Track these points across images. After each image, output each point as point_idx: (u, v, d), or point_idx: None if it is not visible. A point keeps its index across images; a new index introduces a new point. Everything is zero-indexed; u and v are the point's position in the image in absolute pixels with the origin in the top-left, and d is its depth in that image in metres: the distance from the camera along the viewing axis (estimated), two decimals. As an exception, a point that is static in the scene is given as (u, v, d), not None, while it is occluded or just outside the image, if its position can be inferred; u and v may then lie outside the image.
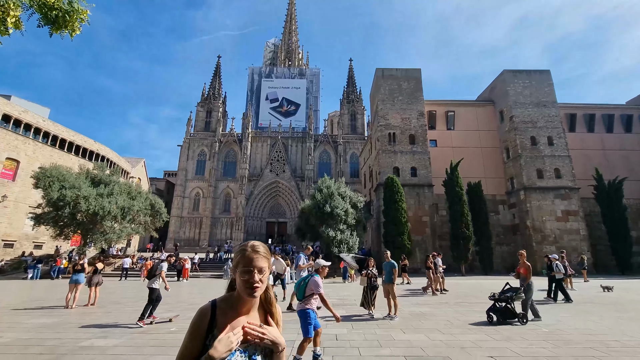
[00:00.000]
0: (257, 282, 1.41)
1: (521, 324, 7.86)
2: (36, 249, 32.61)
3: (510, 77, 32.27)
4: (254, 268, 1.42)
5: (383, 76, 32.55)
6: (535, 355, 5.54)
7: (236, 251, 1.51)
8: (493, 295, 8.39)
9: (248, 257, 1.44)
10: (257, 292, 1.43)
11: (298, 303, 5.25)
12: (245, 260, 1.43)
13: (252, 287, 1.41)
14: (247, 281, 1.41)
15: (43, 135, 34.50)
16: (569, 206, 28.14)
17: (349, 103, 59.75)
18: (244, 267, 1.42)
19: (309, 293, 5.16)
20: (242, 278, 1.42)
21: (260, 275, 1.43)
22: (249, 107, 58.07)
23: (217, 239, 48.96)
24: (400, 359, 5.35)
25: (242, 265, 1.43)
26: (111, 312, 10.06)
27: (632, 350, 5.84)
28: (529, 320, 8.12)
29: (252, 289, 1.41)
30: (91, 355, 5.68)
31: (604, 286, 15.03)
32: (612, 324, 8.07)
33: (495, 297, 8.31)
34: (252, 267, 1.42)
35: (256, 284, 1.41)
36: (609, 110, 34.42)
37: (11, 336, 6.95)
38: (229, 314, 1.43)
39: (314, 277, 5.31)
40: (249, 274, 1.41)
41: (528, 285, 8.58)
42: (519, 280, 8.99)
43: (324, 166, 54.61)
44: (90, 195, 24.30)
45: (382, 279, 9.33)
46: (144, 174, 56.41)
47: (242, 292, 1.43)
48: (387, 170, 29.36)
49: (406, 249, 24.67)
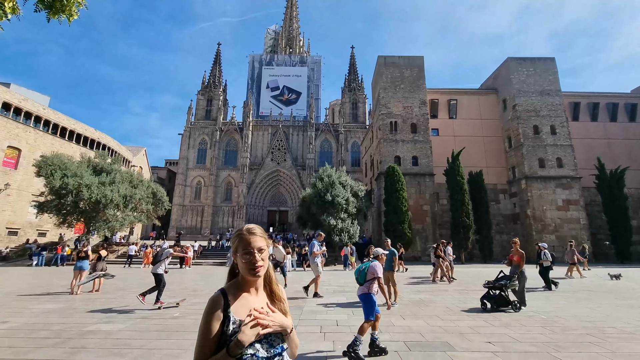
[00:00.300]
0: (259, 261, 1.45)
1: (514, 311, 7.96)
2: (40, 236, 32.95)
3: (514, 65, 31.82)
4: (254, 249, 1.45)
5: (385, 64, 32.14)
6: (532, 341, 5.63)
7: (233, 236, 1.54)
8: (487, 283, 8.48)
9: (246, 239, 1.47)
10: (261, 271, 1.46)
11: (359, 287, 5.46)
12: (243, 243, 1.46)
13: (254, 268, 1.44)
14: (249, 262, 1.44)
15: (44, 124, 34.42)
16: (570, 195, 28.14)
17: (351, 91, 59.17)
18: (243, 250, 1.45)
19: (370, 278, 5.34)
20: (244, 260, 1.44)
21: (261, 254, 1.46)
22: (249, 96, 57.60)
23: (219, 227, 49.32)
24: (400, 344, 5.44)
25: (241, 249, 1.46)
26: (115, 298, 10.23)
27: (628, 337, 5.92)
28: (522, 307, 8.21)
29: (255, 269, 1.44)
30: (96, 339, 5.80)
31: (612, 274, 14.86)
32: (610, 311, 8.16)
33: (489, 285, 8.40)
34: (252, 248, 1.45)
35: (258, 263, 1.44)
36: (613, 99, 34.03)
37: (19, 321, 7.09)
38: (239, 297, 1.46)
39: (374, 263, 5.49)
40: (249, 255, 1.44)
41: (521, 273, 8.67)
42: (511, 267, 9.03)
43: (325, 155, 54.48)
44: (92, 184, 24.40)
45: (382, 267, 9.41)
46: (145, 162, 56.45)
47: (245, 274, 1.46)
48: (388, 159, 29.29)
49: (406, 238, 24.83)
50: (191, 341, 5.63)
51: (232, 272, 1.58)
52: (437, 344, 5.48)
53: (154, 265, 9.03)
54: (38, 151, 31.81)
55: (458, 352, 5.02)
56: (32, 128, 33.05)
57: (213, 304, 1.41)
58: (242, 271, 1.47)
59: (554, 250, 27.06)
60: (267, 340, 1.40)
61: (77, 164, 26.29)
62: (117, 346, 5.38)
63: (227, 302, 1.42)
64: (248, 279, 1.48)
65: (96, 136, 40.96)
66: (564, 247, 27.10)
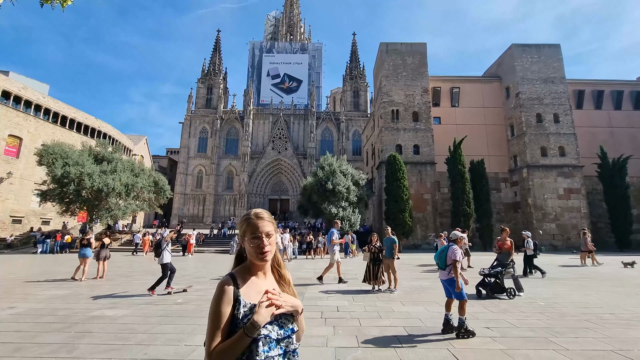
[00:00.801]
0: (267, 246, 1.45)
1: (509, 298, 8.04)
2: (44, 224, 33.22)
3: (518, 51, 31.30)
4: (262, 233, 1.45)
5: (387, 51, 31.67)
6: (530, 327, 5.71)
7: (241, 220, 1.53)
8: (483, 271, 8.56)
9: (254, 224, 1.47)
10: (268, 256, 1.47)
11: (442, 272, 5.56)
12: (251, 228, 1.46)
13: (262, 252, 1.45)
14: (257, 247, 1.45)
15: (44, 112, 34.26)
16: (571, 184, 28.09)
17: (352, 79, 58.48)
18: (251, 234, 1.45)
19: (449, 262, 5.39)
20: (252, 245, 1.45)
21: (269, 239, 1.47)
22: (250, 84, 57.06)
23: (221, 215, 49.63)
24: (400, 330, 5.53)
25: (249, 233, 1.46)
26: (119, 284, 10.38)
27: (625, 323, 6.00)
28: (517, 294, 8.29)
29: (263, 254, 1.45)
30: (101, 324, 5.91)
31: (626, 262, 14.63)
32: (609, 298, 8.25)
33: (485, 272, 8.47)
34: (260, 233, 1.45)
35: (266, 247, 1.45)
36: (618, 87, 33.58)
37: (25, 306, 7.22)
38: (249, 281, 1.47)
39: (453, 247, 5.50)
40: (257, 240, 1.45)
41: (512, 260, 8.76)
42: (501, 255, 8.99)
43: (326, 144, 54.29)
44: (94, 172, 24.46)
45: (383, 254, 9.49)
46: (146, 151, 56.42)
47: (253, 258, 1.47)
48: (389, 148, 29.18)
49: (407, 226, 24.96)
50: (194, 326, 5.74)
51: (239, 256, 1.58)
52: (436, 329, 5.56)
53: (159, 257, 9.13)
54: (39, 140, 31.78)
55: (456, 337, 5.10)
56: (32, 117, 32.93)
57: (223, 288, 1.40)
58: (250, 256, 1.48)
59: (553, 238, 27.24)
60: (278, 323, 1.41)
61: (79, 152, 26.29)
62: (121, 331, 5.48)
63: (236, 286, 1.42)
64: (256, 264, 1.48)
65: (97, 125, 40.82)
66: (564, 235, 27.28)
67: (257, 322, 1.28)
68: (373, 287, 9.20)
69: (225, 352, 1.29)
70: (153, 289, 8.62)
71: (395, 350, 4.52)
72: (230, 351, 1.29)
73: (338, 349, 4.60)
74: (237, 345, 1.29)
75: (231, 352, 1.29)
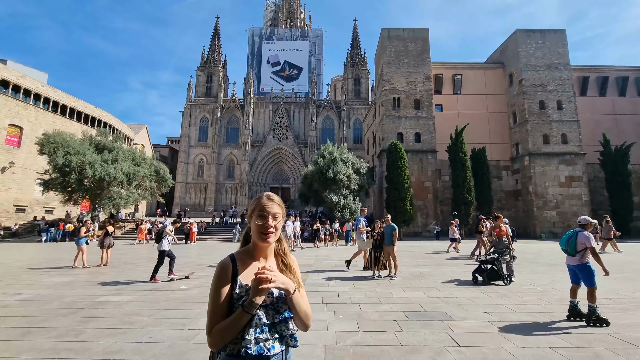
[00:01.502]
0: (271, 227, 1.45)
1: (505, 284, 8.12)
2: (47, 213, 33.48)
3: (522, 37, 30.76)
4: (269, 214, 1.46)
5: (389, 37, 31.17)
6: (528, 311, 5.80)
7: (252, 200, 1.55)
8: (479, 257, 8.63)
9: (263, 203, 1.48)
10: (271, 238, 1.47)
11: (571, 257, 5.49)
12: (260, 206, 1.48)
13: (266, 233, 1.45)
14: (261, 226, 1.45)
15: (43, 101, 34.09)
16: (573, 172, 28.02)
17: (353, 67, 57.76)
18: (259, 212, 1.46)
19: (581, 248, 5.33)
20: (257, 223, 1.45)
21: (275, 221, 1.47)
22: (250, 72, 56.46)
23: (223, 204, 49.88)
24: (399, 314, 5.62)
25: (257, 211, 1.47)
26: (124, 271, 10.53)
27: (622, 307, 6.09)
28: (512, 281, 8.38)
29: (266, 234, 1.45)
30: (107, 309, 6.03)
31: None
32: (607, 283, 8.32)
33: (481, 259, 8.54)
34: (267, 213, 1.46)
35: (270, 228, 1.45)
36: (623, 73, 33.10)
37: (32, 292, 7.36)
38: (248, 262, 1.48)
39: (584, 233, 5.44)
40: (263, 219, 1.45)
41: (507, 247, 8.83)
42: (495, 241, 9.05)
43: (327, 132, 54.05)
44: (95, 161, 24.51)
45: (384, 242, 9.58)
46: (147, 140, 56.31)
47: (256, 238, 1.47)
48: (390, 136, 29.05)
49: (408, 214, 25.06)
50: (197, 311, 5.85)
51: (246, 236, 1.59)
52: (435, 314, 5.66)
53: (158, 243, 9.29)
54: (40, 129, 31.72)
55: (455, 322, 5.19)
56: (32, 106, 32.78)
57: (222, 269, 1.43)
58: (254, 235, 1.48)
59: (554, 226, 27.33)
60: (274, 307, 1.42)
61: (79, 142, 26.30)
62: (127, 316, 5.60)
63: (235, 268, 1.43)
64: (259, 245, 1.49)
65: (97, 114, 40.65)
66: (564, 222, 27.34)
67: (252, 301, 1.30)
68: (374, 273, 9.31)
69: (224, 330, 1.32)
70: (154, 277, 8.78)
71: (394, 334, 4.61)
72: (230, 328, 1.32)
73: (338, 333, 4.69)
74: (236, 323, 1.32)
75: (230, 330, 1.32)
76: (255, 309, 1.33)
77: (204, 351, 3.94)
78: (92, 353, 3.97)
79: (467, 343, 4.26)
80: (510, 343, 4.25)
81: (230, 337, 1.33)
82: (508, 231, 9.10)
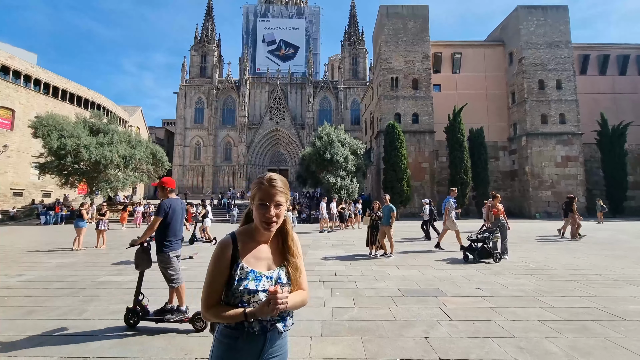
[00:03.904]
0: (273, 217, 1.41)
1: (495, 261, 8.30)
2: (45, 197, 33.48)
3: (524, 13, 30.01)
4: (271, 203, 1.40)
5: (387, 14, 30.34)
6: (520, 287, 5.97)
7: (254, 182, 1.48)
8: (471, 236, 8.77)
9: (265, 190, 1.41)
10: (273, 227, 1.44)
11: None
12: (261, 194, 1.42)
13: (268, 222, 1.41)
14: (263, 215, 1.41)
15: (34, 83, 33.39)
16: (569, 152, 28.09)
17: (351, 45, 56.50)
18: (260, 201, 1.41)
19: None
20: (258, 211, 1.42)
21: (277, 210, 1.42)
22: (245, 51, 55.20)
23: (221, 186, 49.94)
24: (394, 291, 5.78)
25: (258, 199, 1.42)
26: (123, 253, 10.64)
27: (611, 283, 6.27)
28: (503, 258, 8.57)
29: (269, 224, 1.41)
30: (109, 289, 6.15)
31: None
32: (598, 260, 8.54)
33: (472, 237, 8.69)
34: (269, 202, 1.40)
35: (272, 219, 1.41)
36: (624, 51, 32.59)
37: (33, 274, 7.46)
38: (249, 244, 1.47)
39: None
40: (265, 209, 1.40)
41: (503, 225, 9.01)
42: (491, 220, 9.23)
43: (325, 113, 53.53)
44: (90, 144, 24.26)
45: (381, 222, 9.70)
46: (142, 122, 55.63)
47: (258, 224, 1.44)
48: (388, 117, 28.82)
49: (405, 195, 25.24)
50: (197, 290, 5.96)
51: (247, 215, 1.55)
52: (429, 290, 5.82)
53: None
54: (32, 112, 31.21)
55: (449, 297, 5.35)
56: (22, 87, 32.11)
57: (222, 247, 1.43)
58: (256, 221, 1.45)
59: (548, 205, 27.65)
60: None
61: (73, 124, 25.93)
62: (128, 295, 5.70)
63: (235, 247, 1.43)
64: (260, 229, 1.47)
65: (90, 96, 39.92)
66: (559, 202, 27.58)
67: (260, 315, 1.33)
68: (370, 252, 9.48)
69: (220, 318, 1.37)
70: None
71: (389, 309, 4.75)
72: (226, 319, 1.37)
73: (335, 308, 4.83)
74: (232, 319, 1.36)
75: (227, 320, 1.37)
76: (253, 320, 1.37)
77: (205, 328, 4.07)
78: (96, 330, 4.08)
79: (459, 317, 4.41)
80: (501, 317, 4.40)
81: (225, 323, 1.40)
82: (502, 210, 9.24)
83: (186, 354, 3.44)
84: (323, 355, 3.36)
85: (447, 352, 3.38)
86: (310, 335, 3.85)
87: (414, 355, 3.33)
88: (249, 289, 1.39)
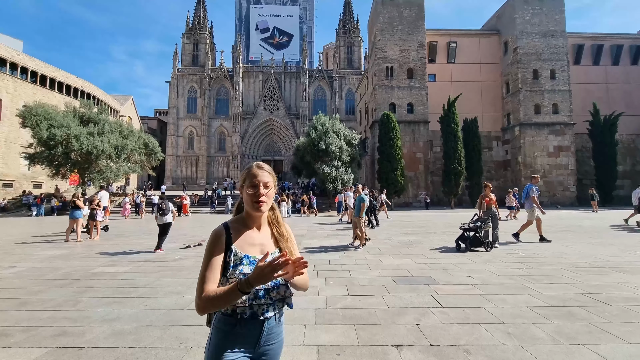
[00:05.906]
0: (263, 195, 1.46)
1: (486, 250, 8.44)
2: (36, 188, 33.02)
3: (520, 2, 29.87)
4: (259, 182, 1.46)
5: (383, 2, 29.96)
6: (510, 275, 6.09)
7: (243, 170, 1.54)
8: (463, 225, 8.88)
9: (253, 172, 1.48)
10: (264, 207, 1.47)
11: None
12: (250, 176, 1.48)
13: (258, 201, 1.45)
14: (253, 195, 1.45)
15: (21, 71, 32.54)
16: (561, 142, 28.41)
17: (345, 34, 55.83)
18: (250, 182, 1.47)
19: None
20: (249, 192, 1.46)
21: (266, 190, 1.47)
22: (238, 39, 54.26)
23: (215, 177, 49.70)
24: (388, 279, 5.86)
25: (248, 180, 1.47)
26: (117, 243, 10.62)
27: (598, 270, 6.43)
28: (494, 247, 8.73)
29: (259, 203, 1.45)
30: (103, 280, 6.15)
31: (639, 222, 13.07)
32: (586, 249, 8.73)
33: (464, 227, 8.80)
34: (258, 182, 1.46)
35: (262, 197, 1.45)
36: (619, 41, 32.72)
37: (26, 265, 7.42)
38: (242, 231, 1.49)
39: None
40: (254, 188, 1.46)
41: (494, 215, 9.13)
42: (483, 210, 9.35)
43: (319, 103, 53.17)
44: (80, 134, 23.88)
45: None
46: (133, 112, 54.73)
47: (249, 208, 1.48)
48: (383, 107, 28.74)
49: (399, 185, 25.39)
50: (192, 280, 6.00)
51: (239, 207, 1.60)
52: (422, 278, 5.91)
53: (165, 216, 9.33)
54: (20, 101, 30.52)
55: (440, 285, 5.44)
56: (9, 76, 31.28)
57: (216, 236, 1.45)
58: (247, 205, 1.49)
59: (540, 195, 28.04)
60: None
61: (63, 114, 25.44)
62: (122, 286, 5.72)
63: (229, 235, 1.45)
64: (252, 214, 1.50)
65: (79, 84, 39.07)
66: (550, 192, 28.06)
67: (253, 283, 1.27)
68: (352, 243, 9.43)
69: (215, 300, 1.31)
70: (159, 247, 8.97)
71: (382, 298, 4.83)
72: (221, 301, 1.31)
73: (329, 297, 4.90)
74: (228, 297, 1.30)
75: (221, 302, 1.31)
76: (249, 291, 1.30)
77: (200, 317, 4.09)
78: (90, 321, 4.09)
79: (450, 305, 4.50)
80: (490, 304, 4.50)
81: (220, 308, 1.34)
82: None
83: (181, 342, 3.48)
84: (317, 343, 3.42)
85: (437, 339, 3.46)
86: (304, 324, 3.91)
87: (406, 342, 3.41)
88: (245, 273, 1.40)
